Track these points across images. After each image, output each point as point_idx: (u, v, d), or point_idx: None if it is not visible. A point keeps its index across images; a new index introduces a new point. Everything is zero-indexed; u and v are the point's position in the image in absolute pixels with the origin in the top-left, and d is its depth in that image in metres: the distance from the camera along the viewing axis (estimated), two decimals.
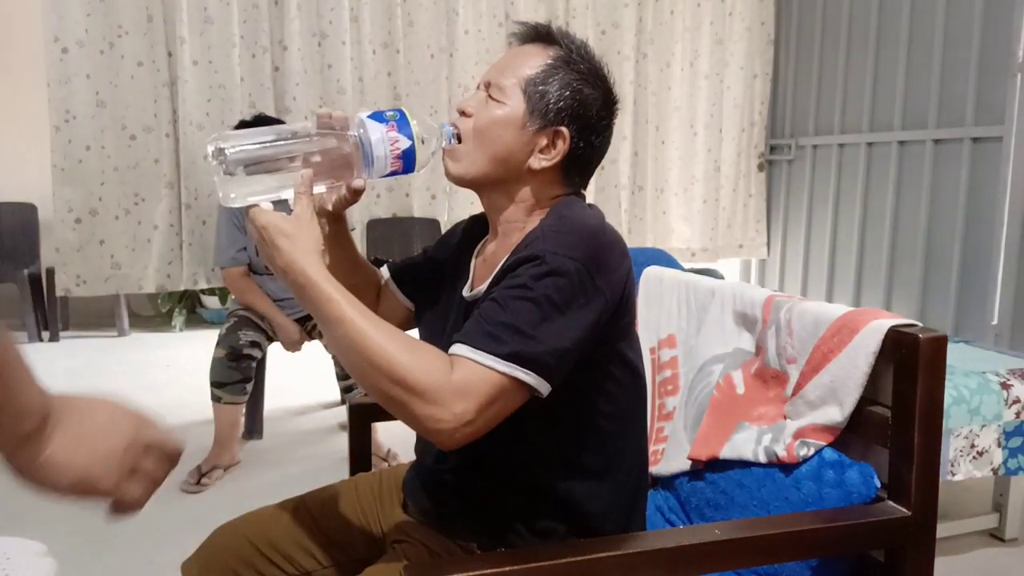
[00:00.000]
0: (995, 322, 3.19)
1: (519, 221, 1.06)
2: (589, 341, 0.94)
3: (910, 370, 0.95)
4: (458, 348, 0.88)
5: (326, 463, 2.80)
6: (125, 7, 3.16)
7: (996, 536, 2.21)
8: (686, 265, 4.06)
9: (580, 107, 1.03)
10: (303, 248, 0.93)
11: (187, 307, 5.36)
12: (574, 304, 0.92)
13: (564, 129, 1.03)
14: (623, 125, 4.18)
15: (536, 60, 1.04)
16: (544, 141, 1.03)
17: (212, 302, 5.32)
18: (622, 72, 4.16)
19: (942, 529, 2.01)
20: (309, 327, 2.88)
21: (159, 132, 3.25)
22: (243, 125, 2.80)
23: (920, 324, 0.99)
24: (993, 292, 3.19)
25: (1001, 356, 2.34)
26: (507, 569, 0.84)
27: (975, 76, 3.26)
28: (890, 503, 0.99)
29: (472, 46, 3.80)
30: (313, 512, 1.16)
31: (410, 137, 0.98)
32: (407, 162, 1.00)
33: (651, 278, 1.54)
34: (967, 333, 3.26)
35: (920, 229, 3.55)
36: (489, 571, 0.83)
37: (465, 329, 0.91)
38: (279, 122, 2.86)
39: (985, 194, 3.24)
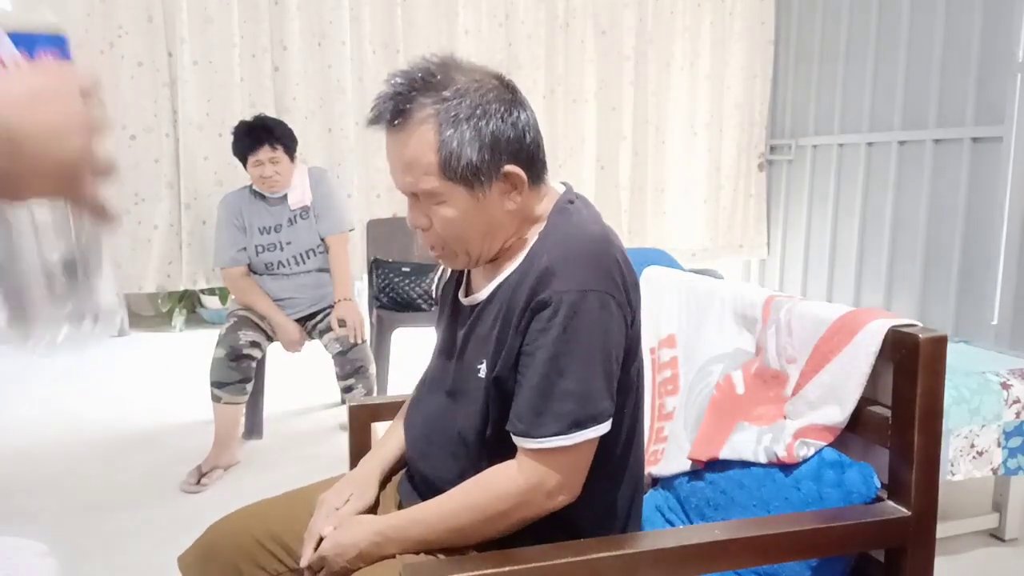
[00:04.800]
0: (995, 322, 3.19)
1: (510, 241, 1.05)
2: (623, 350, 0.98)
3: (910, 370, 0.95)
4: (522, 442, 0.95)
5: (326, 463, 2.80)
6: (125, 7, 3.16)
7: (996, 536, 2.21)
8: (686, 265, 4.06)
9: (497, 137, 0.97)
10: (356, 526, 1.02)
11: (187, 307, 5.36)
12: (606, 332, 0.95)
13: (507, 167, 0.98)
14: (623, 125, 4.19)
15: (427, 143, 0.96)
16: (503, 186, 1.00)
17: (212, 302, 5.31)
18: (622, 72, 4.16)
19: (942, 529, 2.01)
20: (309, 327, 2.88)
21: (159, 132, 3.25)
22: (243, 125, 2.80)
23: (920, 324, 0.99)
24: (993, 292, 3.19)
25: (1001, 356, 2.34)
26: (507, 569, 0.84)
27: (975, 76, 3.26)
28: (890, 503, 0.99)
29: (472, 46, 3.79)
30: (312, 505, 1.16)
31: None
32: None
33: (651, 278, 1.54)
34: (967, 333, 3.26)
35: (920, 229, 3.54)
36: (489, 571, 0.83)
37: (519, 412, 0.95)
38: (279, 123, 2.86)
39: (985, 194, 3.24)
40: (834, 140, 4.06)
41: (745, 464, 1.14)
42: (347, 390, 2.74)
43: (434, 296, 3.35)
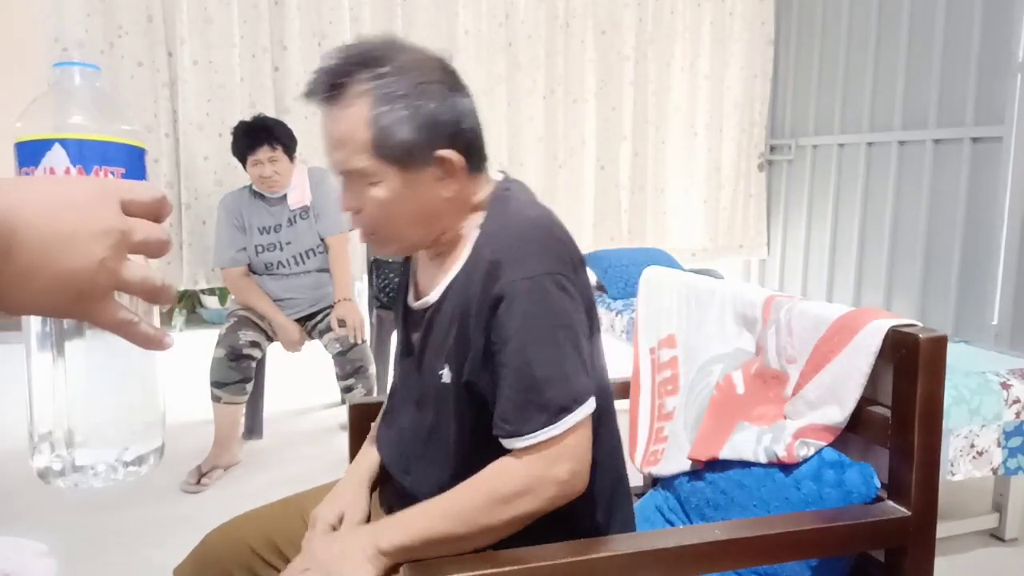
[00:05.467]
0: (995, 322, 3.19)
1: (450, 233, 1.03)
2: (587, 326, 0.96)
3: (910, 370, 0.95)
4: (513, 443, 0.91)
5: (326, 463, 2.80)
6: (125, 7, 3.16)
7: (996, 536, 2.21)
8: (686, 265, 4.08)
9: (432, 118, 0.94)
10: (347, 554, 0.94)
11: (187, 307, 5.37)
12: (565, 311, 0.92)
13: (442, 151, 0.95)
14: (623, 125, 4.19)
15: (360, 119, 0.93)
16: (436, 171, 0.97)
17: (212, 302, 5.32)
18: (622, 72, 4.16)
19: (942, 529, 2.01)
20: (309, 327, 2.88)
21: (159, 132, 3.25)
22: (243, 125, 2.80)
23: (920, 324, 0.99)
24: (993, 292, 3.19)
25: (1001, 356, 2.34)
26: (507, 569, 0.84)
27: (975, 76, 3.26)
28: (890, 503, 0.99)
29: (472, 46, 3.80)
30: (308, 511, 1.14)
31: None
32: None
33: (651, 278, 1.54)
34: (967, 333, 3.26)
35: (920, 229, 3.54)
36: (489, 571, 0.83)
37: (502, 414, 0.92)
38: (279, 123, 2.86)
39: (985, 194, 3.24)
40: (834, 140, 4.06)
41: (745, 464, 1.14)
42: (347, 390, 2.74)
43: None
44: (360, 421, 1.39)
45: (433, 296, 1.02)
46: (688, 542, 0.92)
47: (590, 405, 0.92)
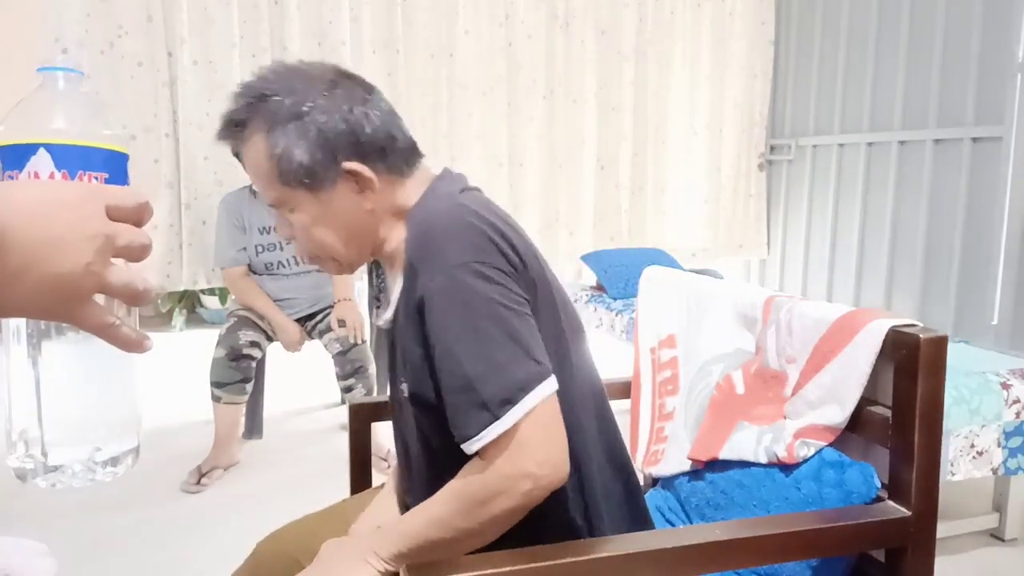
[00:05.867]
0: (995, 322, 3.19)
1: (392, 242, 1.01)
2: (528, 308, 0.90)
3: (910, 370, 0.95)
4: (469, 446, 0.87)
5: (326, 463, 2.80)
6: (125, 7, 3.15)
7: (996, 536, 2.21)
8: (686, 265, 4.08)
9: (323, 134, 0.92)
10: (347, 559, 0.94)
11: (187, 307, 5.36)
12: (489, 299, 0.87)
13: (346, 163, 0.93)
14: (623, 125, 4.19)
15: (260, 151, 0.94)
16: (350, 184, 0.95)
17: (212, 302, 5.32)
18: (622, 72, 4.16)
19: (942, 529, 2.01)
20: (309, 327, 2.88)
21: (159, 132, 3.25)
22: None
23: (920, 324, 0.99)
24: (993, 292, 3.19)
25: (1001, 356, 2.34)
26: (507, 569, 0.84)
27: (975, 76, 3.26)
28: (890, 503, 0.99)
29: (472, 46, 3.79)
30: (354, 517, 1.14)
31: None
32: None
33: (651, 278, 1.54)
34: (967, 333, 3.26)
35: (920, 229, 3.55)
36: (489, 571, 0.83)
37: (451, 421, 0.88)
38: None
39: (985, 194, 3.24)
40: (834, 140, 4.06)
41: (745, 464, 1.14)
42: (347, 390, 2.74)
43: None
44: (360, 421, 1.39)
45: (389, 313, 1.01)
46: (688, 542, 0.92)
47: (542, 390, 0.86)
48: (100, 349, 0.63)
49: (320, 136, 0.92)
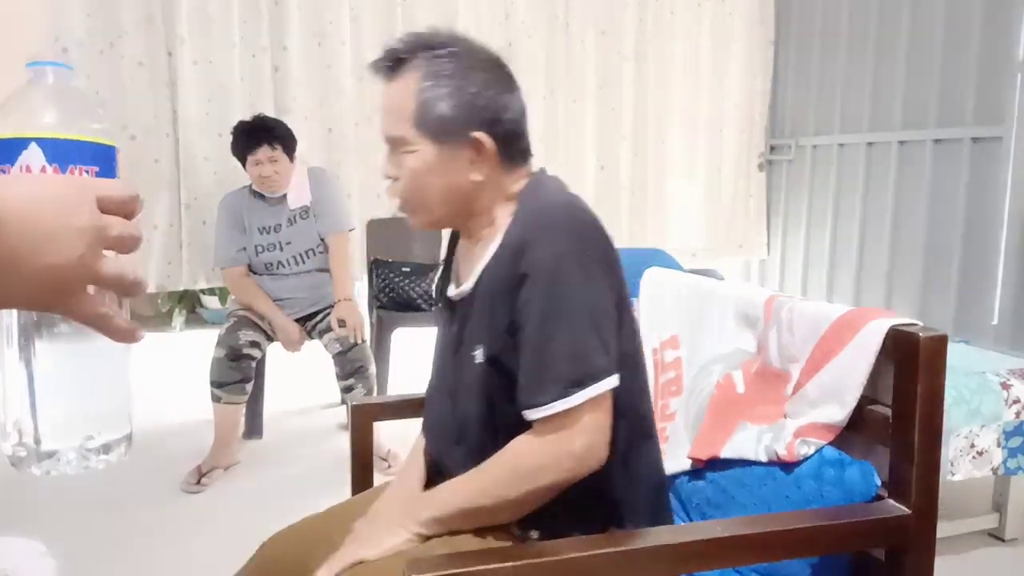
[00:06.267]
0: (995, 322, 3.19)
1: (485, 222, 1.07)
2: (614, 310, 0.98)
3: (910, 370, 0.95)
4: (529, 414, 0.95)
5: (326, 463, 2.80)
6: (125, 7, 3.15)
7: (996, 536, 2.21)
8: (686, 265, 4.08)
9: (475, 102, 1.01)
10: (383, 525, 1.01)
11: (187, 307, 5.36)
12: (588, 292, 0.95)
13: (476, 133, 1.01)
14: (623, 125, 4.19)
15: (409, 90, 1.01)
16: (470, 152, 1.02)
17: (212, 302, 5.32)
18: (622, 72, 4.16)
19: (942, 529, 2.00)
20: (309, 327, 2.88)
21: (159, 132, 3.25)
22: (242, 125, 2.80)
23: (920, 324, 0.99)
24: (993, 292, 3.19)
25: (1001, 356, 2.35)
26: (508, 565, 0.84)
27: (975, 76, 3.26)
28: (890, 502, 0.99)
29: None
30: (357, 518, 1.14)
31: None
32: None
33: (652, 279, 1.54)
34: (967, 333, 3.26)
35: (920, 229, 3.54)
36: (490, 567, 0.83)
37: (521, 387, 0.96)
38: (279, 123, 2.86)
39: (985, 194, 3.24)
40: (834, 140, 4.06)
41: (746, 463, 1.14)
42: (347, 390, 2.74)
43: (434, 296, 3.35)
44: (360, 421, 1.39)
45: (468, 285, 1.07)
46: (689, 539, 0.92)
47: (607, 384, 0.94)
48: (92, 339, 0.64)
49: (468, 102, 1.01)
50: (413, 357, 4.06)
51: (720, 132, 4.41)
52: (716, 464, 1.19)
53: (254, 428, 3.08)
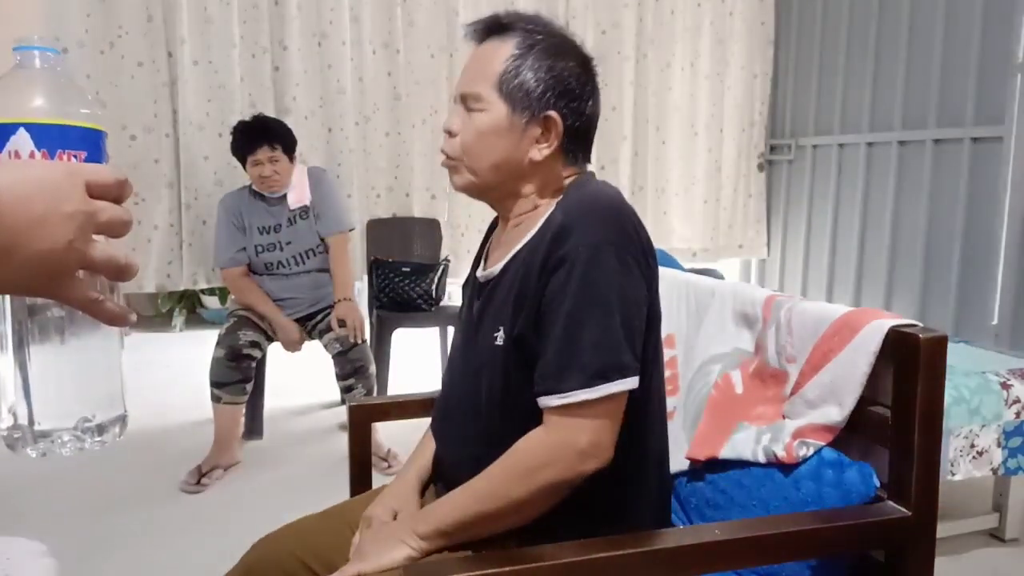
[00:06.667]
0: (995, 322, 3.19)
1: (528, 209, 1.07)
2: (645, 310, 0.98)
3: (910, 370, 0.95)
4: (547, 400, 0.93)
5: (326, 463, 2.80)
6: (125, 7, 3.15)
7: (996, 536, 2.21)
8: (686, 265, 4.07)
9: (560, 84, 1.02)
10: (386, 540, 0.99)
11: (187, 307, 5.36)
12: (623, 286, 0.94)
13: (553, 113, 1.02)
14: (623, 125, 4.18)
15: (501, 54, 1.03)
16: (538, 130, 1.03)
17: (212, 302, 5.32)
18: (622, 72, 4.15)
19: (942, 529, 2.01)
20: (309, 327, 2.88)
21: (159, 132, 3.25)
22: (242, 125, 2.80)
23: (920, 324, 0.99)
24: (993, 292, 3.19)
25: (1001, 356, 2.34)
26: (507, 569, 0.84)
27: (975, 76, 3.26)
28: (890, 503, 0.99)
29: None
30: (354, 519, 1.14)
31: None
32: None
33: None
34: (967, 333, 3.26)
35: (920, 229, 3.54)
36: (489, 571, 0.83)
37: (542, 371, 0.95)
38: (279, 123, 2.86)
39: (985, 194, 3.24)
40: (834, 140, 4.06)
41: (744, 464, 1.13)
42: (347, 390, 2.74)
43: (434, 296, 3.35)
44: (360, 421, 1.39)
45: (498, 266, 1.06)
46: (688, 542, 0.92)
47: (629, 383, 0.93)
48: (85, 323, 0.64)
49: (555, 83, 1.02)
50: (413, 357, 4.07)
51: (720, 132, 4.41)
52: (715, 465, 1.19)
53: (254, 428, 3.08)
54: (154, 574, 2.01)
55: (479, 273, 1.13)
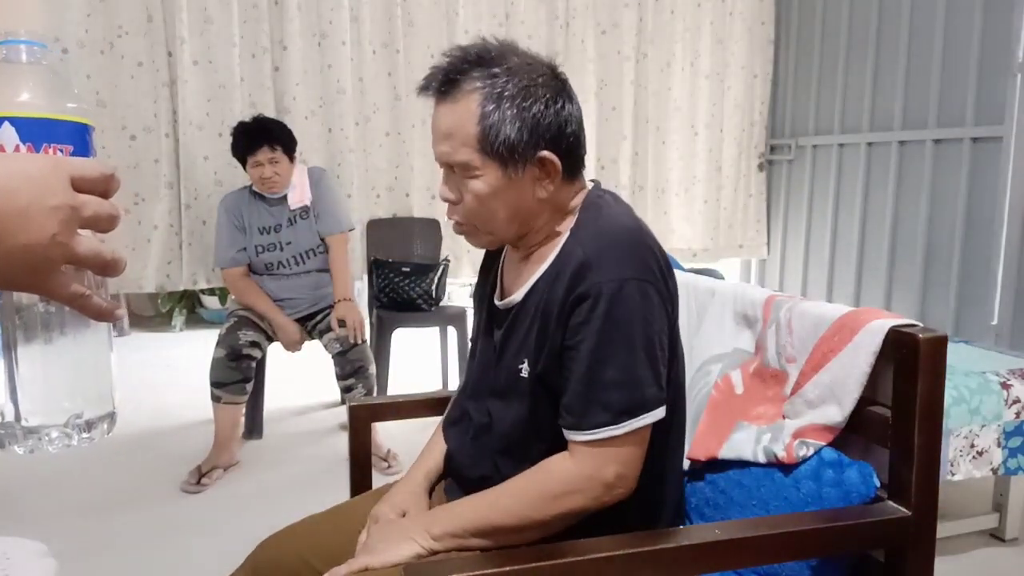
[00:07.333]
0: (995, 322, 3.19)
1: (543, 236, 1.07)
2: (667, 338, 0.99)
3: (910, 370, 0.95)
4: (573, 435, 0.95)
5: (326, 463, 2.80)
6: (125, 7, 3.15)
7: (996, 536, 2.21)
8: (686, 265, 4.07)
9: (542, 123, 0.99)
10: (394, 536, 1.00)
11: (187, 307, 5.36)
12: (647, 320, 0.95)
13: (545, 152, 1.00)
14: (623, 125, 4.18)
15: (470, 114, 0.97)
16: (536, 171, 1.01)
17: (212, 302, 5.32)
18: (622, 72, 4.15)
19: (942, 529, 2.01)
20: (309, 327, 2.88)
21: (159, 132, 3.24)
22: (242, 126, 2.80)
23: (920, 324, 0.99)
24: (993, 292, 3.19)
25: (1001, 356, 2.34)
26: (507, 569, 0.84)
27: (975, 76, 3.26)
28: (890, 503, 0.99)
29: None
30: (359, 519, 1.14)
31: None
32: None
33: None
34: (967, 333, 3.25)
35: (920, 229, 3.54)
36: (489, 571, 0.83)
37: (567, 406, 0.96)
38: (279, 124, 2.86)
39: (985, 194, 3.24)
40: (834, 140, 4.06)
41: (744, 464, 1.13)
42: (347, 390, 2.74)
43: (434, 296, 3.35)
44: (360, 421, 1.39)
45: (519, 295, 1.06)
46: (688, 542, 0.92)
47: (654, 415, 0.95)
48: (74, 318, 0.64)
49: (533, 121, 0.98)
50: (413, 357, 4.07)
51: (720, 132, 4.41)
52: (715, 465, 1.19)
53: (254, 428, 3.08)
54: (154, 574, 2.01)
55: (497, 301, 1.13)
